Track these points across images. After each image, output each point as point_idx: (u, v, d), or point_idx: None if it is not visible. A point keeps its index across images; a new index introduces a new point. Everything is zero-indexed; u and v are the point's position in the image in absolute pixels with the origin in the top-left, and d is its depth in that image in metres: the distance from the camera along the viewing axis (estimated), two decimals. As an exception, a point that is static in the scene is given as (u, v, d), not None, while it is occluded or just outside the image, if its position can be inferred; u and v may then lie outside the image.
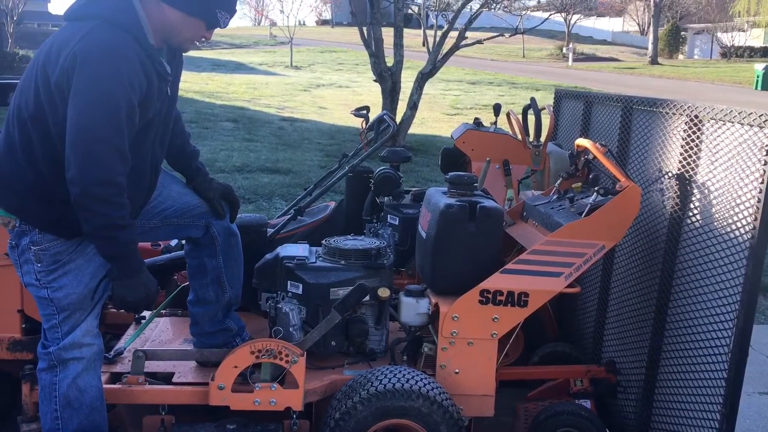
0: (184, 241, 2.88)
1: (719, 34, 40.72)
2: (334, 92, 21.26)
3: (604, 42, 50.35)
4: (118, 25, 2.16)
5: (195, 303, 2.81)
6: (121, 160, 2.16)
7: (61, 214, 2.25)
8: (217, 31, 2.55)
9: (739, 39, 39.61)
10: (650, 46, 38.07)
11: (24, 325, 2.73)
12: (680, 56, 43.35)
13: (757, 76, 26.42)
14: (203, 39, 2.38)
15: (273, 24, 41.51)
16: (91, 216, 2.15)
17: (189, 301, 2.83)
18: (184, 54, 2.50)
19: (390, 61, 12.13)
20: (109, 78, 2.10)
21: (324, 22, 59.51)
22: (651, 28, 38.86)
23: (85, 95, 2.09)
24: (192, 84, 19.45)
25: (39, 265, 2.30)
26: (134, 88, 2.16)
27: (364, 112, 4.07)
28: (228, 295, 2.79)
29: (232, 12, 2.37)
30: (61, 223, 2.27)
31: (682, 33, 44.19)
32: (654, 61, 36.94)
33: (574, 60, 37.00)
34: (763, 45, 39.19)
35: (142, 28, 2.23)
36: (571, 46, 39.35)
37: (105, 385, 2.55)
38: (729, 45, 39.92)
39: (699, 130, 2.54)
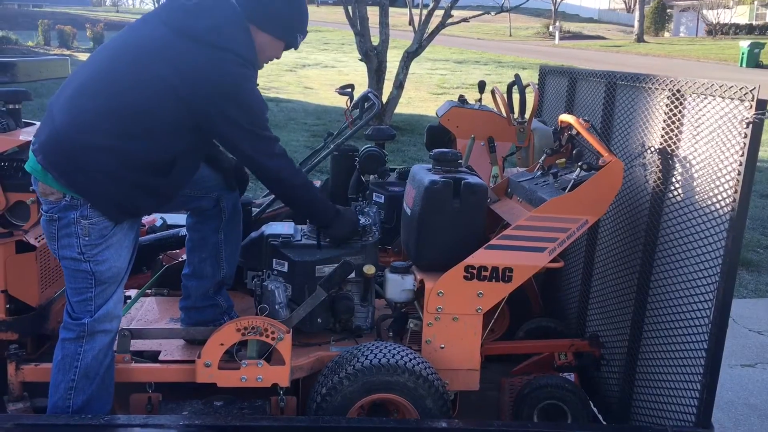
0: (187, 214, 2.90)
1: (705, 12, 40.78)
2: (320, 72, 21.12)
3: (590, 20, 50.30)
4: (248, 62, 2.43)
5: (190, 276, 2.83)
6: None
7: (126, 198, 2.37)
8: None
9: (725, 16, 39.68)
10: (636, 24, 38.05)
11: (8, 306, 2.72)
12: (666, 34, 43.38)
13: (743, 53, 26.49)
14: (276, 58, 2.65)
15: (257, 3, 41.04)
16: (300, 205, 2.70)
17: (184, 275, 2.86)
18: None
19: (376, 40, 12.06)
20: (259, 108, 2.49)
21: (309, 1, 58.91)
22: (637, 6, 38.79)
23: (251, 130, 2.43)
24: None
25: (87, 238, 2.35)
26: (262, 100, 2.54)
27: (349, 90, 4.05)
28: (224, 272, 2.83)
29: (305, 34, 2.65)
30: (122, 206, 2.38)
31: (668, 10, 44.18)
32: (640, 39, 36.94)
33: (561, 38, 36.97)
34: (748, 22, 39.30)
35: (257, 57, 2.52)
36: (557, 24, 39.28)
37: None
38: (714, 22, 39.98)
39: (681, 104, 2.55)
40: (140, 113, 2.31)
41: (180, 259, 3.44)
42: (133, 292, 3.18)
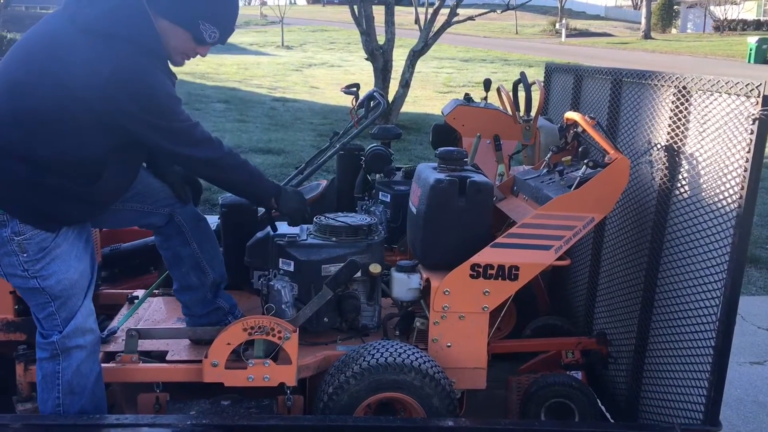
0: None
1: (712, 8, 40.56)
2: (326, 71, 21.15)
3: (597, 17, 50.14)
4: (146, 49, 2.21)
5: (181, 291, 2.81)
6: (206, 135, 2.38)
7: (50, 205, 2.25)
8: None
9: (732, 12, 39.47)
10: (643, 21, 37.93)
11: (17, 306, 2.73)
12: (673, 30, 43.21)
13: (750, 50, 26.36)
14: (197, 54, 2.42)
15: (263, 3, 41.18)
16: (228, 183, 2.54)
17: (174, 290, 2.84)
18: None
19: (381, 39, 12.06)
20: (163, 99, 2.25)
21: (315, 1, 59.02)
22: (644, 3, 38.65)
23: (159, 124, 2.25)
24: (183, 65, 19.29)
25: (24, 255, 2.27)
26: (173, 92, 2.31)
27: (354, 89, 4.06)
28: (211, 276, 2.79)
29: (219, 26, 2.34)
30: (49, 215, 2.26)
31: (675, 7, 43.99)
32: (647, 36, 36.81)
33: (567, 36, 36.88)
34: (756, 18, 39.07)
35: (162, 47, 2.29)
36: (564, 21, 39.17)
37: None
38: (722, 18, 39.76)
39: (687, 101, 2.54)
40: (42, 116, 2.17)
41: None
42: (140, 293, 3.20)
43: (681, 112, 2.56)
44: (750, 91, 2.19)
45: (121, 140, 2.29)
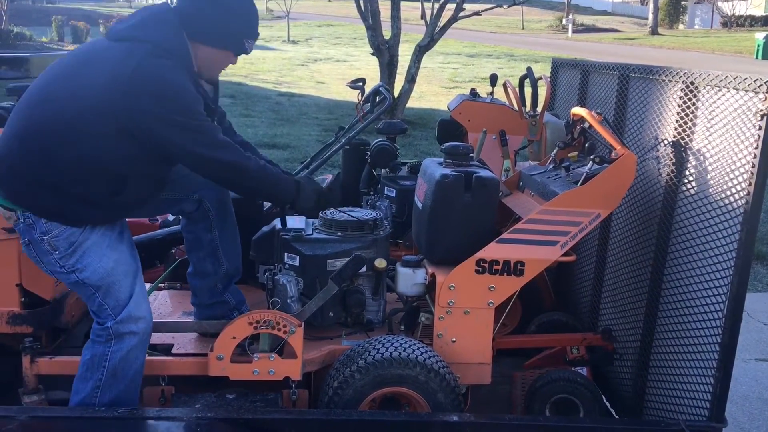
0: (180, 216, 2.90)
1: (720, 3, 40.32)
2: (332, 66, 21.13)
3: (604, 12, 49.91)
4: (169, 53, 2.29)
5: (193, 275, 2.85)
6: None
7: (73, 210, 2.32)
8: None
9: (740, 8, 39.22)
10: (650, 16, 37.72)
11: (23, 299, 2.74)
12: (681, 26, 42.98)
13: (758, 46, 26.20)
14: (231, 64, 2.56)
15: (269, -2, 41.11)
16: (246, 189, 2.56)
17: (188, 273, 2.88)
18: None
19: (387, 34, 12.04)
20: (185, 107, 2.28)
21: (321, -4, 58.86)
22: (651, -2, 38.46)
23: (180, 122, 2.26)
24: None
25: (57, 253, 2.35)
26: (198, 103, 2.35)
27: (360, 84, 4.05)
28: (225, 267, 2.83)
29: (256, 37, 2.54)
30: (66, 213, 2.33)
31: (683, 2, 43.73)
32: (654, 32, 36.62)
33: (574, 31, 36.72)
34: (764, 14, 38.83)
35: (191, 58, 2.39)
36: (570, 17, 39.01)
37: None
38: (730, 14, 39.54)
39: (695, 96, 2.53)
40: (65, 124, 2.24)
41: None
42: (146, 286, 3.20)
43: (688, 107, 2.55)
44: (758, 86, 2.18)
45: (143, 151, 2.32)
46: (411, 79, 12.00)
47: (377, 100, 3.92)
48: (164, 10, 2.38)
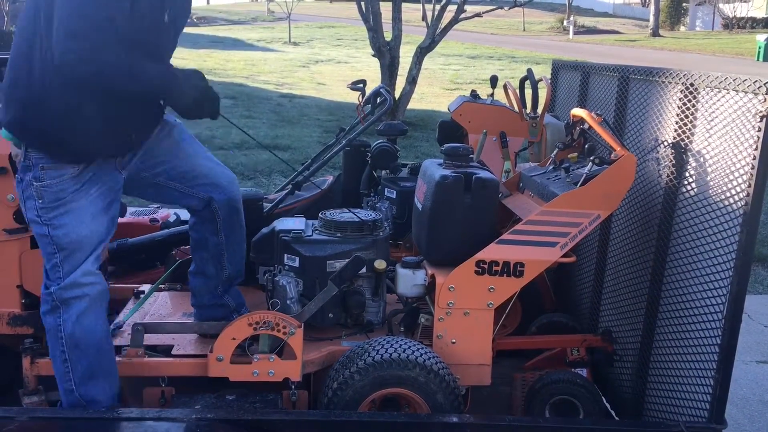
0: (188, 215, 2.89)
1: (721, 5, 40.31)
2: (333, 68, 21.14)
3: (605, 14, 49.94)
4: None
5: (195, 274, 2.85)
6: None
7: (77, 136, 2.28)
8: (215, 7, 2.56)
9: (741, 10, 39.22)
10: (651, 18, 37.72)
11: (23, 300, 2.75)
12: (682, 28, 42.97)
13: (759, 48, 26.18)
14: None
15: (271, -1, 41.16)
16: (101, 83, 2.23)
17: (189, 272, 2.88)
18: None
19: (388, 35, 12.05)
20: None
21: (322, -2, 58.91)
22: (652, 0, 38.45)
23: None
24: (189, 61, 19.33)
25: (40, 201, 2.34)
26: None
27: (361, 85, 4.05)
28: (228, 271, 2.82)
29: None
30: (72, 146, 2.30)
31: (684, 4, 43.73)
32: (655, 33, 36.62)
33: (575, 33, 36.74)
34: (765, 16, 38.81)
35: None
36: (571, 19, 39.03)
37: (105, 358, 2.58)
38: (731, 16, 39.53)
39: (695, 98, 2.53)
40: (30, 40, 2.23)
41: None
42: (146, 287, 3.21)
43: (688, 109, 2.55)
44: (758, 88, 2.18)
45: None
46: (412, 81, 12.00)
47: (378, 101, 3.92)
48: None
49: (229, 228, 2.79)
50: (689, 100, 2.55)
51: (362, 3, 11.95)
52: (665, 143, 2.70)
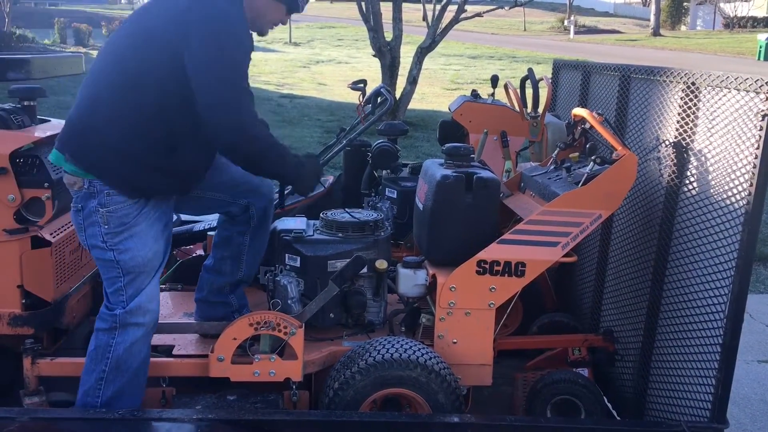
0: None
1: (722, 5, 40.26)
2: (334, 68, 21.13)
3: (606, 14, 49.90)
4: (236, 3, 2.35)
5: (209, 269, 2.87)
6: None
7: (133, 173, 2.36)
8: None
9: (742, 9, 39.18)
10: (652, 18, 37.68)
11: (24, 301, 2.74)
12: (683, 27, 42.94)
13: (760, 47, 26.14)
14: (281, 23, 2.59)
15: (271, 0, 41.05)
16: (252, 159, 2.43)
17: (204, 265, 2.90)
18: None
19: (389, 35, 12.04)
20: (234, 36, 2.31)
21: (323, -2, 58.89)
22: None
23: (215, 52, 2.25)
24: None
25: (106, 227, 2.38)
26: (248, 49, 2.38)
27: (361, 85, 4.05)
28: (242, 273, 2.86)
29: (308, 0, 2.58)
30: (134, 184, 2.37)
31: (685, 4, 43.69)
32: (656, 33, 36.58)
33: (576, 33, 36.71)
34: (766, 15, 38.78)
35: (242, 3, 2.40)
36: (572, 18, 39.01)
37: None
38: (732, 15, 39.49)
39: (696, 97, 2.53)
40: (131, 73, 2.31)
41: (194, 255, 3.46)
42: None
43: (689, 108, 2.55)
44: (759, 87, 2.18)
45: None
46: (413, 81, 11.99)
47: (378, 101, 3.92)
48: None
49: (257, 232, 2.84)
50: (690, 100, 2.54)
51: (363, 3, 11.93)
52: (666, 142, 2.69)
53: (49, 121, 3.11)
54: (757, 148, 2.18)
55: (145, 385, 2.52)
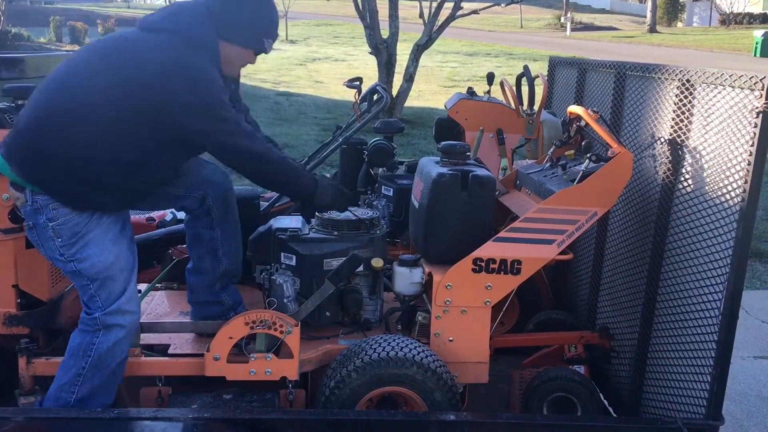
0: (183, 213, 2.91)
1: (718, 1, 40.32)
2: (330, 66, 21.11)
3: (602, 11, 49.90)
4: (204, 47, 2.38)
5: (192, 272, 2.86)
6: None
7: (78, 190, 2.34)
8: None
9: (738, 5, 39.21)
10: (649, 14, 37.68)
11: (19, 300, 2.73)
12: (679, 24, 42.96)
13: (756, 43, 26.18)
14: (249, 63, 2.63)
15: (268, -2, 40.98)
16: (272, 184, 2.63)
17: (187, 269, 2.88)
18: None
19: (385, 33, 12.03)
20: (215, 88, 2.35)
21: (319, -5, 58.79)
22: (649, -4, 38.44)
23: (211, 112, 2.33)
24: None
25: (59, 240, 2.38)
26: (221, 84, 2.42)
27: (357, 83, 4.03)
28: (224, 266, 2.82)
29: (275, 38, 2.62)
30: (73, 196, 2.35)
31: (681, 0, 43.74)
32: (653, 29, 36.58)
33: (573, 29, 36.72)
34: (762, 11, 38.83)
35: (219, 53, 2.45)
36: (569, 15, 38.98)
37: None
38: (728, 12, 39.53)
39: (691, 94, 2.53)
40: (91, 106, 2.29)
41: (190, 253, 3.45)
42: (143, 286, 3.20)
43: (684, 105, 2.55)
44: (754, 84, 2.18)
45: (165, 138, 2.36)
46: (409, 78, 11.99)
47: (374, 99, 3.91)
48: (197, 5, 2.44)
49: (224, 223, 2.81)
50: (685, 97, 2.54)
51: (359, 1, 11.92)
52: (662, 140, 2.70)
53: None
54: (752, 145, 2.19)
55: (120, 381, 2.53)
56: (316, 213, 2.86)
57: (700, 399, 2.41)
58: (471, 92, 4.21)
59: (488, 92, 4.29)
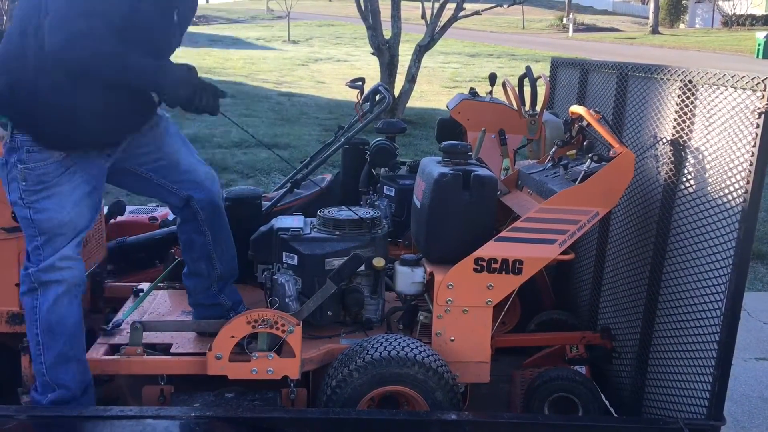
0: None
1: (720, 3, 40.29)
2: (332, 66, 21.12)
3: (604, 12, 49.92)
4: None
5: (188, 275, 2.86)
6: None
7: (48, 116, 2.30)
8: (214, 5, 2.58)
9: (741, 7, 39.18)
10: (651, 16, 37.70)
11: (22, 299, 2.74)
12: (681, 25, 42.97)
13: (759, 45, 26.17)
14: None
15: (270, -2, 41.09)
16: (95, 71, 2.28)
17: (183, 274, 2.88)
18: None
19: (388, 33, 12.03)
20: None
21: (322, -4, 58.84)
22: (652, -3, 38.43)
23: None
24: (188, 60, 19.26)
25: (24, 183, 2.36)
26: None
27: (359, 83, 4.04)
28: (219, 270, 2.83)
29: None
30: (49, 129, 2.32)
31: (684, 2, 43.73)
32: (655, 31, 36.59)
33: (575, 30, 36.73)
34: (764, 13, 38.81)
35: None
36: (571, 16, 39.01)
37: (103, 357, 2.59)
38: (730, 13, 39.51)
39: (693, 95, 2.53)
40: (23, 35, 2.27)
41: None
42: (145, 286, 3.21)
43: (687, 106, 2.55)
44: (756, 84, 2.18)
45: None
46: (411, 79, 11.99)
47: (377, 99, 3.92)
48: None
49: (213, 227, 2.80)
50: (688, 97, 2.54)
51: (361, 1, 11.92)
52: (664, 140, 2.70)
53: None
54: (754, 146, 2.19)
55: (85, 348, 2.52)
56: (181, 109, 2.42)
57: (702, 399, 2.41)
58: (473, 93, 4.23)
59: (490, 93, 4.30)
